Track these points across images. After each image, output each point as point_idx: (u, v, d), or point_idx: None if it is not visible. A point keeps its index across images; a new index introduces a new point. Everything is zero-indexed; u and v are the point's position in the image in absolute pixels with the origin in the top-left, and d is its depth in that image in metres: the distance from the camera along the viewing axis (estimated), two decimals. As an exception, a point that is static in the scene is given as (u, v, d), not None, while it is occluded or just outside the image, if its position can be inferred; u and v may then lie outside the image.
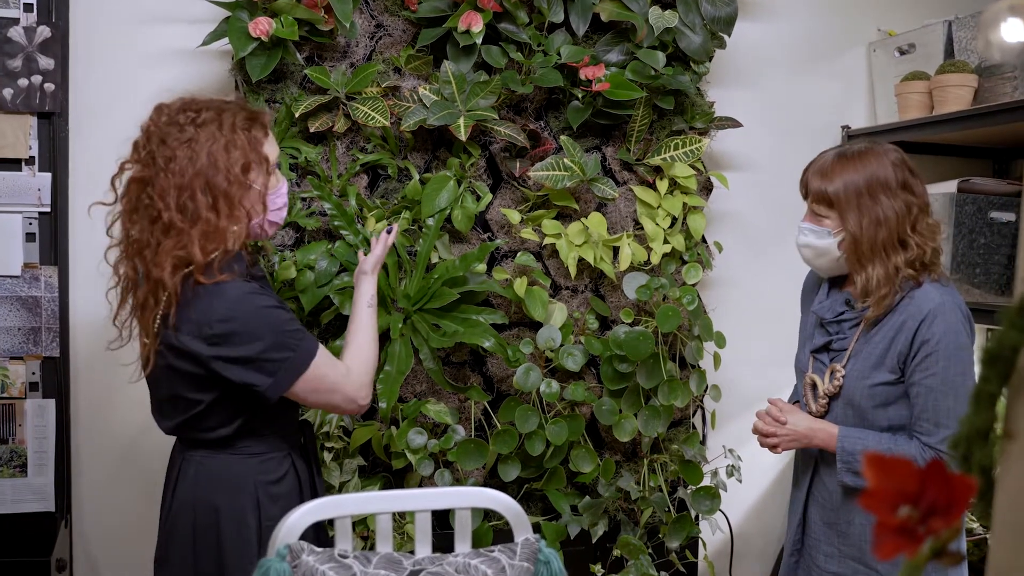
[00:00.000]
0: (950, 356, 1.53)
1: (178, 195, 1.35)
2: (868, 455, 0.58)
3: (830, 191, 1.61)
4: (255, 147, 1.42)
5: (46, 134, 2.11)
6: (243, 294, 1.38)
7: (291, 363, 1.40)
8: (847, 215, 1.59)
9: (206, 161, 1.36)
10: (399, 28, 2.20)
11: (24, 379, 2.12)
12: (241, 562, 1.42)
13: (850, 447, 1.59)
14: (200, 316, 1.36)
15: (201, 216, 1.35)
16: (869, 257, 1.58)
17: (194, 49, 2.12)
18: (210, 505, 1.44)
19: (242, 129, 1.41)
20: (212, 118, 1.39)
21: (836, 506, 1.67)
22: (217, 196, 1.36)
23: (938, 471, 0.57)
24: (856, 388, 1.61)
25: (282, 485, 1.48)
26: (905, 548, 0.58)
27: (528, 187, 2.25)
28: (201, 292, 1.37)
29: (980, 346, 2.72)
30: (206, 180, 1.36)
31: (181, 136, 1.37)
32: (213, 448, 1.47)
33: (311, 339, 1.45)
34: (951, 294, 1.59)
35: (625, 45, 2.25)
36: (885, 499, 0.58)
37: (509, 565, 1.22)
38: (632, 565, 2.22)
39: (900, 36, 2.52)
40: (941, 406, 1.53)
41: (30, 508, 2.12)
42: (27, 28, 2.09)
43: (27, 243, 2.12)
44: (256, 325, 1.38)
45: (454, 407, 2.21)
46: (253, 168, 1.41)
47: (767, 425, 1.68)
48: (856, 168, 1.60)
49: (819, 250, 1.65)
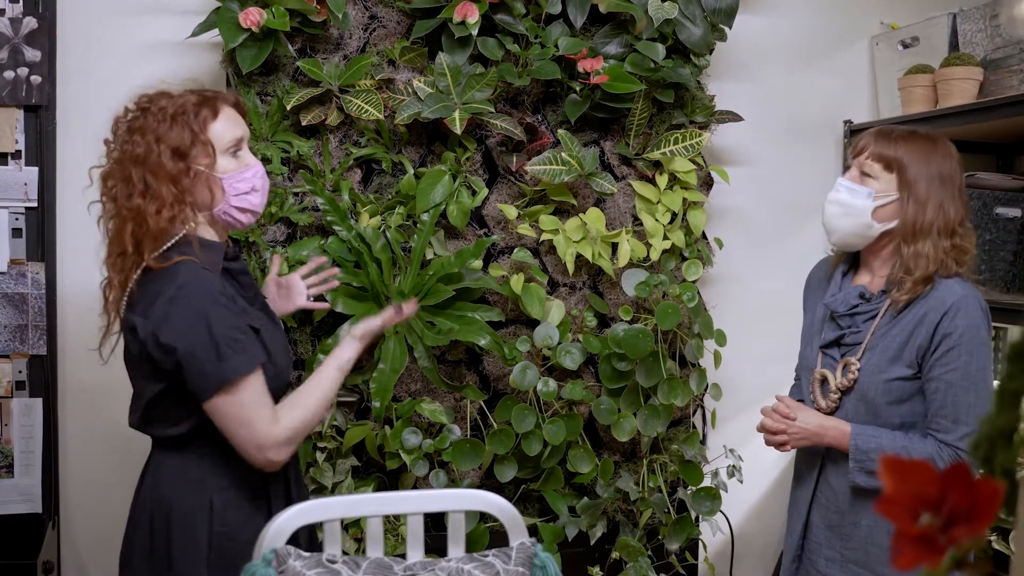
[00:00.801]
0: (972, 351, 1.49)
1: (123, 185, 1.37)
2: (884, 457, 0.54)
3: (898, 154, 1.56)
4: (194, 129, 1.38)
5: (33, 127, 2.07)
6: (190, 279, 1.33)
7: (213, 371, 1.31)
8: (916, 184, 1.55)
9: (143, 148, 1.36)
10: (393, 19, 2.16)
11: (10, 377, 2.08)
12: (189, 565, 1.38)
13: (864, 445, 1.53)
14: (147, 295, 1.34)
15: (132, 202, 1.35)
16: (926, 232, 1.54)
17: (184, 40, 2.08)
18: (166, 505, 1.40)
19: (185, 113, 1.39)
20: (161, 107, 1.39)
21: (841, 508, 1.61)
22: (148, 181, 1.35)
23: (961, 475, 0.54)
24: (871, 383, 1.56)
25: (243, 491, 1.42)
26: (925, 559, 0.54)
27: (525, 182, 2.21)
28: (155, 275, 1.35)
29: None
30: (142, 166, 1.36)
31: (132, 126, 1.39)
32: (173, 448, 1.42)
33: (250, 357, 1.34)
34: (972, 289, 1.55)
35: (624, 37, 2.21)
36: (904, 505, 0.54)
37: (504, 570, 1.18)
38: (631, 567, 2.18)
39: (903, 29, 2.48)
40: (961, 402, 1.48)
41: (16, 509, 2.08)
42: (13, 19, 2.04)
43: (13, 239, 2.08)
44: (192, 317, 1.31)
45: (449, 406, 2.17)
46: (191, 151, 1.38)
47: (775, 423, 1.63)
48: (928, 149, 1.57)
49: (850, 209, 1.59)
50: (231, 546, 1.39)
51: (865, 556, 1.58)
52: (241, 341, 1.33)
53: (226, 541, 1.39)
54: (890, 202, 1.57)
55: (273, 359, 1.43)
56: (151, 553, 1.40)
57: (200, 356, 1.30)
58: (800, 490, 1.72)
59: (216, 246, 1.43)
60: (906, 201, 1.55)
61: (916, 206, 1.54)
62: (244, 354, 1.33)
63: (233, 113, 1.45)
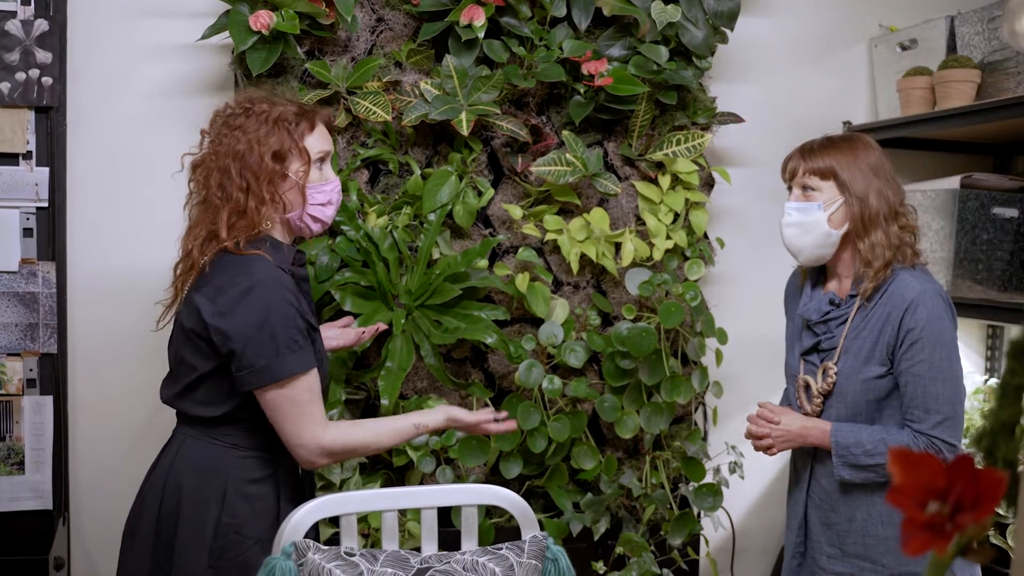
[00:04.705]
0: (935, 342, 1.56)
1: (219, 175, 1.44)
2: (892, 449, 0.57)
3: (828, 162, 1.65)
4: (295, 138, 1.48)
5: (44, 128, 2.09)
6: (267, 276, 1.40)
7: (269, 366, 1.37)
8: (853, 182, 1.63)
9: (244, 146, 1.44)
10: (400, 22, 2.19)
11: (22, 376, 2.10)
12: (192, 549, 1.41)
13: (844, 440, 1.59)
14: (221, 281, 1.41)
15: (232, 196, 1.43)
16: (874, 222, 1.62)
17: (194, 43, 2.10)
18: (177, 485, 1.44)
19: (287, 121, 1.48)
20: (263, 110, 1.48)
21: (835, 505, 1.66)
22: (248, 178, 1.43)
23: (965, 466, 0.56)
24: (849, 384, 1.62)
25: (258, 487, 1.46)
26: (933, 544, 0.57)
27: (530, 182, 2.23)
28: (230, 261, 1.42)
29: (993, 338, 2.72)
30: (241, 162, 1.43)
31: (232, 123, 1.48)
32: (201, 427, 1.46)
33: (306, 359, 1.41)
34: (930, 281, 1.62)
35: (627, 40, 2.24)
36: (912, 495, 0.57)
37: (517, 563, 1.21)
38: (634, 563, 2.21)
39: (902, 31, 2.51)
40: (930, 392, 1.56)
41: (27, 506, 2.10)
42: (24, 21, 2.07)
43: (24, 238, 2.10)
44: (259, 311, 1.37)
45: (456, 404, 2.20)
46: (289, 157, 1.47)
47: (759, 428, 1.69)
48: (850, 148, 1.66)
49: (806, 225, 1.66)
50: (235, 539, 1.42)
51: (864, 549, 1.63)
52: (300, 344, 1.40)
53: (231, 533, 1.42)
54: (838, 207, 1.64)
55: (323, 363, 1.50)
56: (156, 531, 1.44)
57: (259, 350, 1.36)
58: (796, 491, 1.78)
59: (286, 248, 1.50)
60: (850, 200, 1.63)
61: (859, 201, 1.62)
62: (300, 356, 1.39)
63: (325, 129, 1.55)
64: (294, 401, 1.39)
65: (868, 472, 1.58)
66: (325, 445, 1.41)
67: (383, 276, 2.07)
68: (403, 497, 1.34)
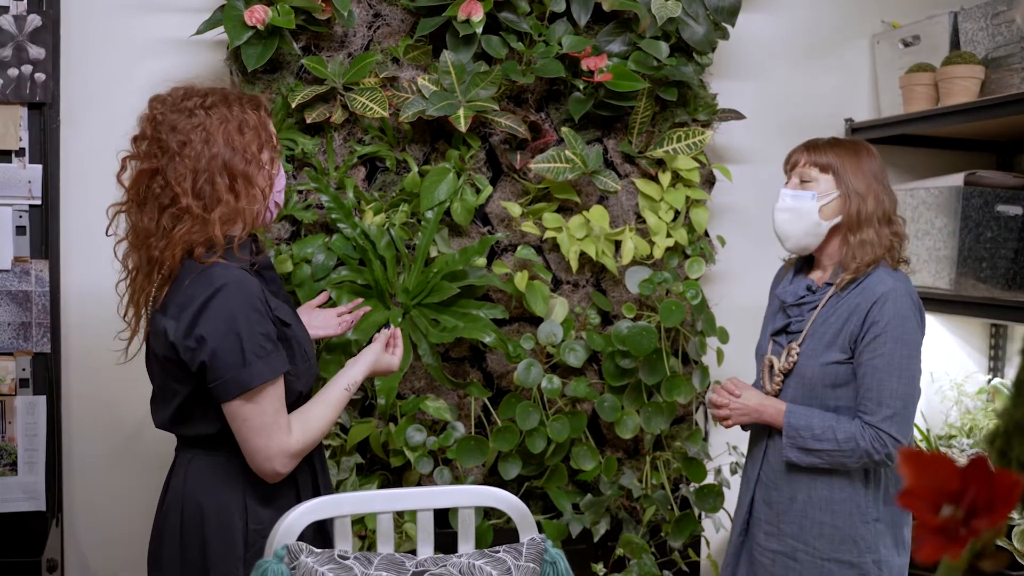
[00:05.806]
0: (897, 339, 1.60)
1: (195, 179, 1.34)
2: (903, 450, 0.55)
3: (831, 158, 1.70)
4: (265, 127, 1.43)
5: (37, 125, 2.07)
6: (228, 280, 1.32)
7: (236, 376, 1.30)
8: (853, 180, 1.68)
9: (223, 143, 1.35)
10: (397, 17, 2.17)
11: (14, 375, 2.08)
12: (225, 564, 1.37)
13: (795, 422, 1.64)
14: (182, 297, 1.33)
15: (221, 199, 1.34)
16: (868, 221, 1.67)
17: (188, 38, 2.08)
18: (196, 504, 1.39)
19: (251, 110, 1.42)
20: (219, 101, 1.39)
21: (777, 484, 1.71)
22: (235, 177, 1.36)
23: (980, 468, 0.54)
24: (809, 366, 1.68)
25: (277, 488, 1.41)
26: (947, 550, 0.54)
27: (529, 180, 2.21)
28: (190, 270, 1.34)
29: (980, 338, 2.69)
30: (223, 162, 1.35)
31: (192, 121, 1.36)
32: (204, 448, 1.42)
33: (274, 367, 1.33)
34: (904, 281, 1.67)
35: (628, 35, 2.22)
36: (925, 498, 0.55)
37: (515, 566, 1.19)
38: (634, 564, 2.19)
39: (904, 28, 2.49)
40: (885, 386, 1.59)
41: (20, 507, 2.07)
42: (17, 16, 2.04)
43: (17, 236, 2.07)
44: (224, 320, 1.30)
45: (453, 404, 2.18)
46: (266, 148, 1.42)
47: (720, 397, 1.74)
48: (855, 151, 1.72)
49: (798, 213, 1.71)
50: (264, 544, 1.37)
51: (800, 530, 1.68)
52: (268, 349, 1.33)
53: (260, 539, 1.38)
54: (832, 200, 1.69)
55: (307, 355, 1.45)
56: (182, 554, 1.39)
57: (226, 359, 1.29)
58: (749, 468, 1.83)
59: (246, 243, 1.43)
60: (847, 196, 1.69)
61: (857, 199, 1.68)
62: (269, 363, 1.32)
63: None
64: (263, 411, 1.32)
65: (813, 456, 1.63)
66: (293, 449, 1.35)
67: (380, 274, 2.05)
68: (398, 499, 1.32)
